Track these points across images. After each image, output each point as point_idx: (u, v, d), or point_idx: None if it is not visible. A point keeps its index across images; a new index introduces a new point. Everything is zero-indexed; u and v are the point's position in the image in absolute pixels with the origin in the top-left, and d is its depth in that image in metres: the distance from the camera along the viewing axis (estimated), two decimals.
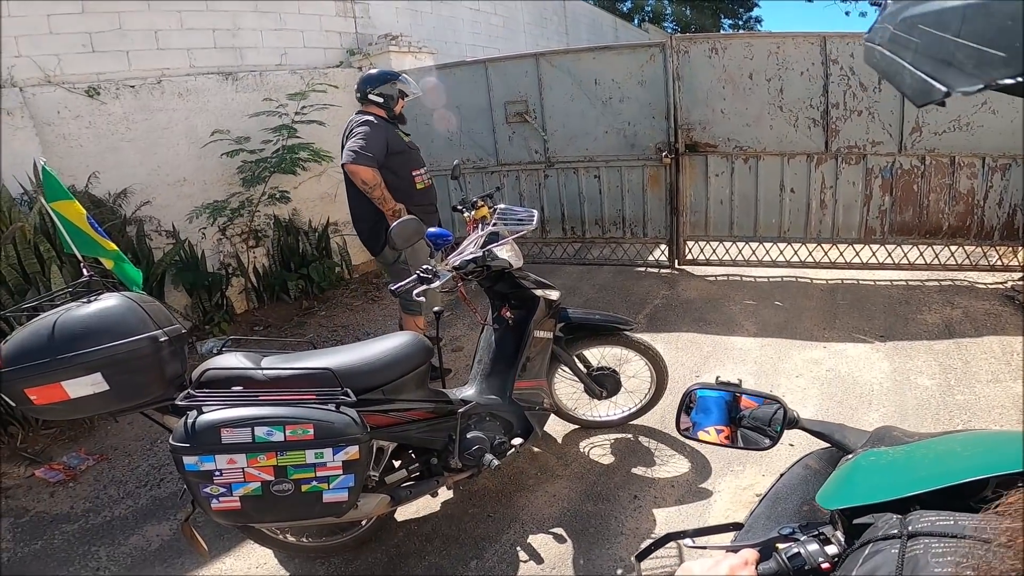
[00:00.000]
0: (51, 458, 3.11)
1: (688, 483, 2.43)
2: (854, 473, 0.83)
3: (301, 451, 1.59)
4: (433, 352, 2.11)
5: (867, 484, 0.78)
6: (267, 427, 1.57)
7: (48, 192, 2.11)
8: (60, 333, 1.53)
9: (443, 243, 2.33)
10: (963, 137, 4.15)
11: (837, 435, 1.01)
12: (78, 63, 4.28)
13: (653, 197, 4.98)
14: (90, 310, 1.61)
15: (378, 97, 3.28)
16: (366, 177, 3.05)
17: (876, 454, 0.87)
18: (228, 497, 1.58)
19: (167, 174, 4.55)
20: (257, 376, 1.77)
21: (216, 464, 1.55)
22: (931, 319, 3.75)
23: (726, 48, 4.49)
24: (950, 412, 2.76)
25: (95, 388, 1.54)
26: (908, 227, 4.46)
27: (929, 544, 0.51)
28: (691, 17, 20.61)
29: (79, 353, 1.52)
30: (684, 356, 3.53)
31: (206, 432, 1.55)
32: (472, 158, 5.47)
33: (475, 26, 8.17)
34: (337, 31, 5.89)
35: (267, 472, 1.58)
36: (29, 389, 1.52)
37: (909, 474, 0.77)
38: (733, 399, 1.07)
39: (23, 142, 3.83)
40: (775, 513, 0.93)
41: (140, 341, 1.60)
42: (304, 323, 4.75)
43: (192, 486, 1.59)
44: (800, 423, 1.03)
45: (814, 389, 3.07)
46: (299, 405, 1.66)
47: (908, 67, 0.48)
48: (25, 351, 1.53)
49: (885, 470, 0.82)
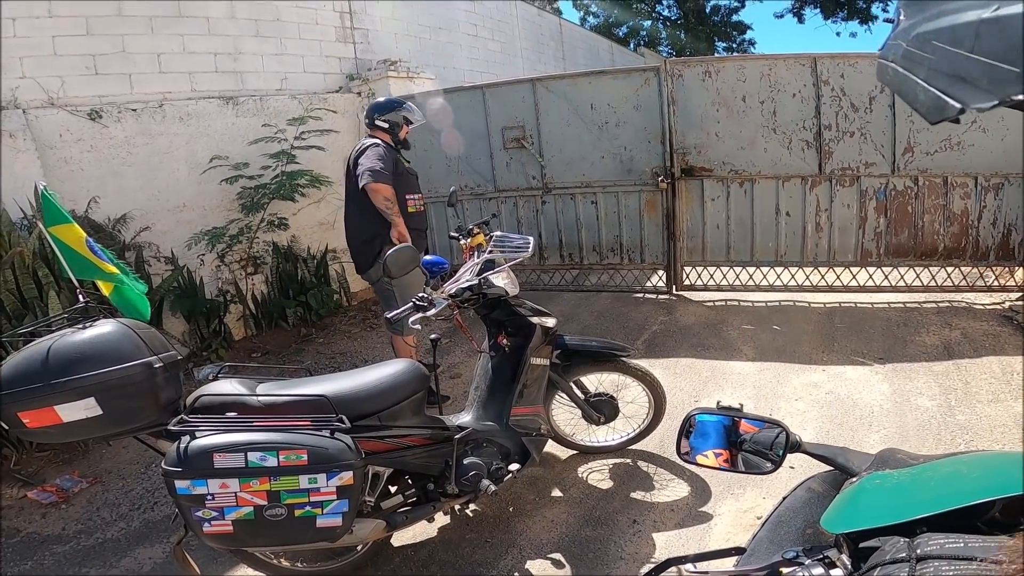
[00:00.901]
0: (44, 480, 3.10)
1: (688, 507, 2.40)
2: (859, 496, 0.83)
3: (295, 476, 1.58)
4: (429, 379, 2.12)
5: (873, 507, 0.78)
6: (260, 452, 1.57)
7: (47, 216, 2.13)
8: (55, 358, 1.55)
9: (439, 271, 2.35)
10: (955, 157, 4.19)
11: (840, 458, 1.00)
12: (81, 85, 4.31)
13: (650, 222, 5.01)
14: (85, 336, 1.62)
15: (384, 123, 3.39)
16: (387, 194, 3.14)
17: (881, 477, 0.87)
18: (220, 521, 1.57)
19: (167, 199, 4.59)
20: (251, 402, 1.77)
21: (208, 488, 1.54)
22: (930, 340, 3.75)
23: (719, 71, 4.57)
24: (951, 433, 2.74)
25: (88, 412, 1.54)
26: (904, 249, 4.48)
27: (939, 568, 0.51)
28: (686, 40, 21.00)
29: (73, 378, 1.53)
30: (682, 381, 3.52)
31: (198, 457, 1.55)
32: (470, 184, 5.52)
33: (473, 51, 8.33)
34: (337, 56, 6.00)
35: (260, 497, 1.57)
36: (23, 412, 1.53)
37: (915, 496, 0.76)
38: (732, 423, 1.06)
39: (25, 165, 3.85)
40: (778, 537, 0.92)
41: (134, 367, 1.61)
42: (302, 350, 4.74)
43: (184, 510, 1.58)
44: (802, 447, 1.03)
45: (813, 412, 3.06)
46: (293, 431, 1.66)
47: (921, 83, 0.47)
48: (19, 375, 1.54)
49: (891, 493, 0.81)
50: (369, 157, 3.18)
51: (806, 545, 0.76)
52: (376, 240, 3.26)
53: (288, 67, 5.58)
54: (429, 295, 2.04)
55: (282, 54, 5.53)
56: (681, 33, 21.19)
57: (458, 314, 2.32)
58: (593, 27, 19.79)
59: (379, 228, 3.26)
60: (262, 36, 5.37)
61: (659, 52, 19.79)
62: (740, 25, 21.24)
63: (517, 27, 9.56)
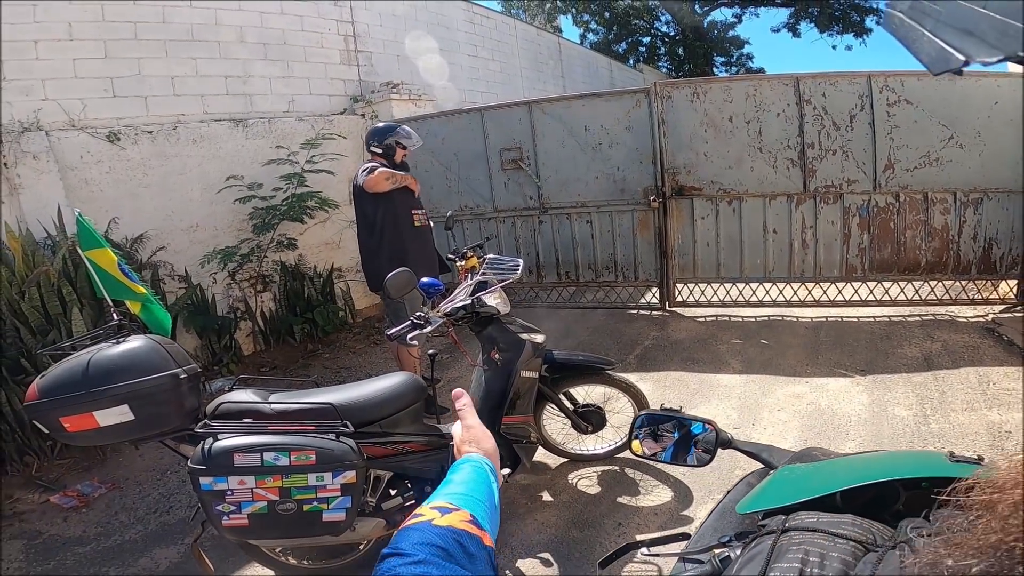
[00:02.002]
0: (65, 486, 3.28)
1: (671, 511, 2.56)
2: (769, 485, 1.00)
3: (304, 474, 1.78)
4: (427, 391, 2.31)
5: (776, 493, 0.94)
6: (274, 452, 1.77)
7: (83, 240, 2.34)
8: (93, 369, 1.75)
9: (435, 292, 2.55)
10: (934, 173, 4.35)
11: (765, 454, 1.17)
12: (100, 108, 4.47)
13: (643, 241, 5.19)
14: (120, 350, 1.83)
15: (379, 148, 3.60)
16: (381, 180, 3.37)
17: (791, 469, 1.05)
18: (237, 515, 1.76)
19: (180, 219, 4.77)
20: (265, 409, 1.97)
21: (228, 484, 1.74)
22: (911, 352, 3.90)
23: (707, 92, 4.75)
24: (924, 440, 2.89)
25: (122, 418, 1.75)
26: (887, 264, 4.63)
27: (792, 536, 0.67)
28: (684, 56, 21.26)
29: (110, 387, 1.74)
30: (670, 393, 3.67)
31: (221, 456, 1.75)
32: (470, 204, 5.72)
33: (474, 72, 8.56)
34: (342, 79, 6.21)
35: (273, 492, 1.77)
36: (64, 417, 1.73)
37: (809, 484, 0.93)
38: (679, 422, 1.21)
39: (48, 186, 3.98)
40: (721, 525, 1.06)
41: (163, 378, 1.82)
42: (309, 365, 4.92)
43: (206, 504, 1.77)
44: (733, 444, 1.18)
45: (795, 422, 3.21)
46: (303, 434, 1.85)
47: (928, 34, 0.48)
48: (61, 384, 1.75)
49: (794, 482, 0.98)
50: (363, 172, 3.47)
51: (740, 530, 0.91)
52: (380, 257, 3.47)
53: (295, 89, 5.78)
54: (426, 314, 2.24)
55: (289, 76, 5.73)
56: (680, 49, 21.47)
57: (453, 331, 2.50)
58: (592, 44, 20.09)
59: (381, 246, 3.47)
60: (270, 59, 5.58)
61: (658, 68, 20.03)
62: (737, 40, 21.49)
63: (517, 47, 9.81)
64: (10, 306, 3.44)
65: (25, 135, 3.95)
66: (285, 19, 5.76)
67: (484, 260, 2.76)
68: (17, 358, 3.35)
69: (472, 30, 8.63)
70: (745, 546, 0.76)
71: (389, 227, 3.45)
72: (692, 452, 1.19)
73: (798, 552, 0.63)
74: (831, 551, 0.61)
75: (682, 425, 1.22)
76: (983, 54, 0.40)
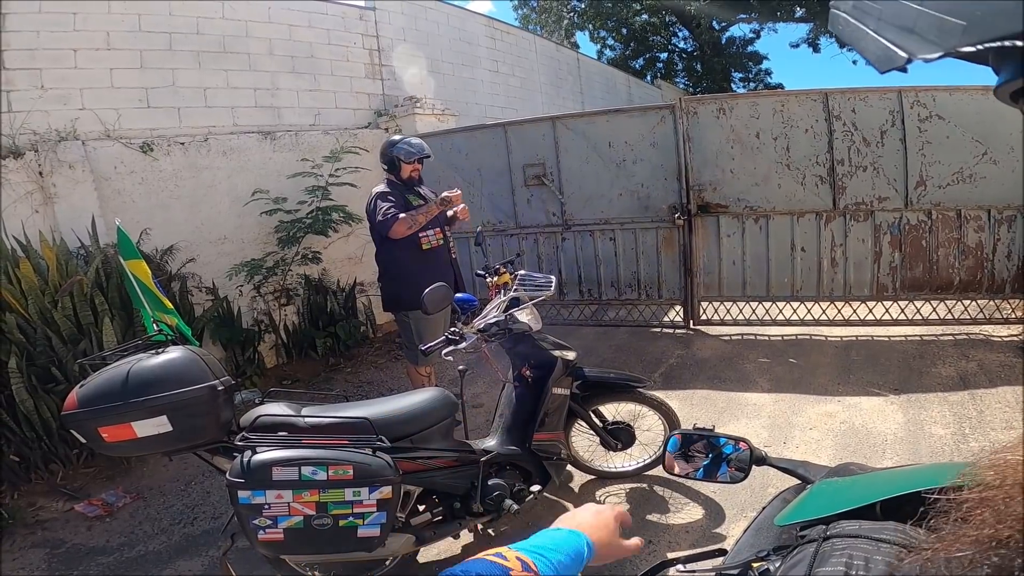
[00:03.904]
0: (90, 495, 3.29)
1: (702, 528, 2.50)
2: (807, 498, 0.99)
3: (341, 489, 1.77)
4: (458, 407, 2.31)
5: (815, 505, 0.92)
6: (312, 467, 1.76)
7: (122, 250, 2.37)
8: (133, 380, 1.76)
9: (469, 307, 2.55)
10: (967, 190, 4.26)
11: (801, 470, 1.16)
12: (135, 118, 4.50)
13: (667, 259, 5.13)
14: (159, 360, 1.84)
15: (385, 165, 3.52)
16: (403, 228, 3.22)
17: (828, 483, 1.03)
18: (273, 529, 1.75)
19: (209, 232, 4.81)
20: (300, 423, 1.96)
21: (266, 498, 1.73)
22: (946, 372, 3.81)
23: (733, 108, 4.70)
24: (963, 459, 2.79)
25: (160, 429, 1.75)
26: (919, 283, 4.53)
27: (834, 543, 0.65)
28: (702, 72, 21.25)
29: (149, 398, 1.74)
30: (698, 412, 3.62)
31: (259, 469, 1.74)
32: (492, 221, 5.71)
33: (494, 87, 8.62)
34: (367, 92, 6.29)
35: (310, 507, 1.75)
36: (102, 428, 1.74)
37: (848, 495, 0.91)
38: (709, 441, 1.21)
39: (83, 197, 4.01)
40: (757, 540, 1.04)
41: (201, 389, 1.82)
42: (331, 379, 4.94)
43: (242, 518, 1.76)
44: (767, 460, 1.18)
45: (828, 441, 3.14)
46: (340, 449, 1.85)
47: (871, 34, 0.49)
48: (101, 394, 1.75)
49: (833, 494, 0.96)
50: (379, 209, 3.30)
51: (778, 544, 0.89)
52: (385, 277, 3.51)
53: (321, 103, 5.85)
54: (460, 330, 2.23)
55: (316, 90, 5.81)
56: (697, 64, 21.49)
57: (485, 347, 2.50)
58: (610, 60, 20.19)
59: (388, 268, 3.48)
60: (297, 72, 5.65)
61: (676, 84, 20.06)
62: (756, 56, 21.45)
63: (536, 63, 9.88)
64: (42, 315, 3.48)
65: (62, 144, 3.99)
66: (312, 32, 5.86)
67: (516, 276, 2.76)
68: (47, 366, 3.39)
69: (493, 45, 8.72)
70: (784, 558, 0.75)
71: (395, 251, 3.37)
72: (724, 470, 1.19)
73: (842, 556, 0.62)
74: (875, 555, 0.60)
75: (714, 445, 1.21)
76: (925, 51, 0.40)
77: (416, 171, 3.48)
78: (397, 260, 3.39)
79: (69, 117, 4.18)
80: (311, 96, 5.79)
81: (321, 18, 5.95)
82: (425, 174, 3.65)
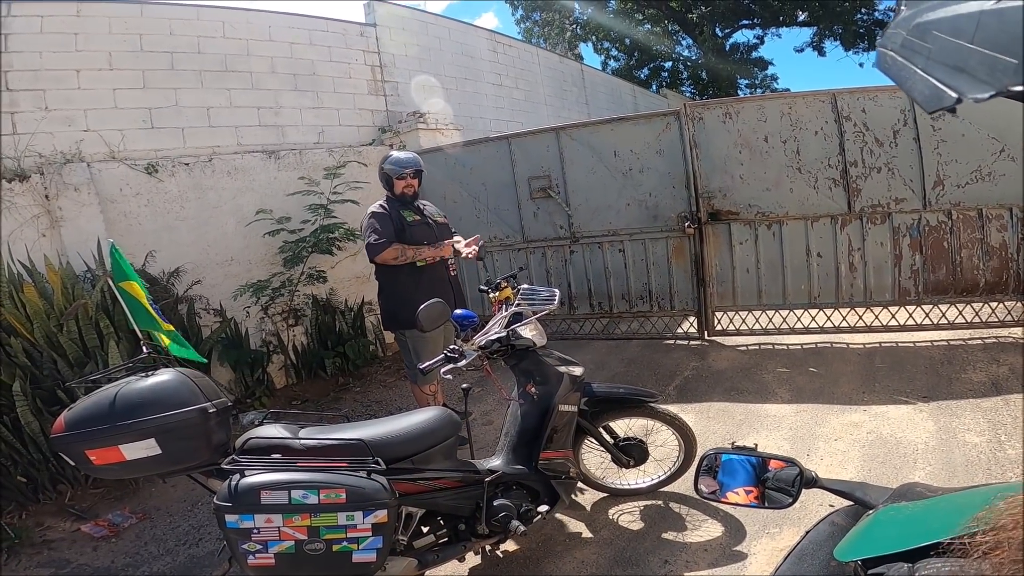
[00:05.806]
0: (97, 515, 3.27)
1: (722, 547, 2.37)
2: (872, 527, 0.86)
3: (333, 513, 1.69)
4: (460, 426, 2.22)
5: (883, 536, 0.81)
6: (303, 490, 1.69)
7: (116, 271, 2.35)
8: (120, 403, 1.72)
9: (469, 324, 2.46)
10: (987, 188, 4.10)
11: (858, 492, 1.03)
12: (139, 139, 4.50)
13: (678, 269, 5.01)
14: (147, 383, 1.80)
15: (383, 183, 3.44)
16: (392, 256, 3.19)
17: (896, 508, 0.89)
18: (264, 554, 1.67)
19: (216, 253, 4.79)
20: (295, 445, 1.89)
21: (255, 523, 1.66)
22: (976, 377, 3.64)
23: (739, 112, 4.60)
24: (1001, 467, 2.65)
25: (149, 452, 1.70)
26: (943, 286, 4.36)
27: None
28: (707, 80, 21.16)
29: (136, 421, 1.70)
30: (716, 425, 3.49)
31: (247, 493, 1.67)
32: (499, 235, 5.63)
33: (498, 100, 8.60)
34: (370, 109, 6.28)
35: (301, 532, 1.68)
36: (90, 451, 1.69)
37: (925, 525, 0.78)
38: (760, 462, 1.11)
39: (89, 219, 3.99)
40: (800, 569, 0.94)
41: (191, 412, 1.77)
42: (340, 399, 4.87)
43: (231, 542, 1.69)
44: (819, 482, 1.06)
45: (855, 452, 2.99)
46: (333, 471, 1.77)
47: (920, 72, 0.47)
48: (88, 417, 1.71)
49: (902, 523, 0.84)
50: (365, 231, 3.25)
51: None
52: (382, 295, 3.47)
53: (324, 120, 5.85)
54: (460, 347, 2.15)
55: (319, 107, 5.81)
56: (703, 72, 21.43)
57: (487, 364, 2.40)
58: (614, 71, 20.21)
59: (383, 286, 3.43)
60: (300, 90, 5.67)
61: (681, 92, 20.00)
62: (761, 61, 21.33)
63: (540, 75, 9.86)
64: (48, 339, 3.48)
65: (67, 167, 3.98)
66: (314, 49, 5.89)
67: (518, 291, 2.66)
68: (53, 389, 3.38)
69: (496, 59, 8.72)
70: None
71: (391, 269, 3.30)
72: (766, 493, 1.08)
73: None
74: None
75: (754, 465, 1.11)
76: (975, 90, 0.39)
77: (410, 187, 3.37)
78: (393, 278, 3.33)
79: (74, 139, 4.19)
80: (314, 114, 5.80)
81: (322, 35, 5.99)
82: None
